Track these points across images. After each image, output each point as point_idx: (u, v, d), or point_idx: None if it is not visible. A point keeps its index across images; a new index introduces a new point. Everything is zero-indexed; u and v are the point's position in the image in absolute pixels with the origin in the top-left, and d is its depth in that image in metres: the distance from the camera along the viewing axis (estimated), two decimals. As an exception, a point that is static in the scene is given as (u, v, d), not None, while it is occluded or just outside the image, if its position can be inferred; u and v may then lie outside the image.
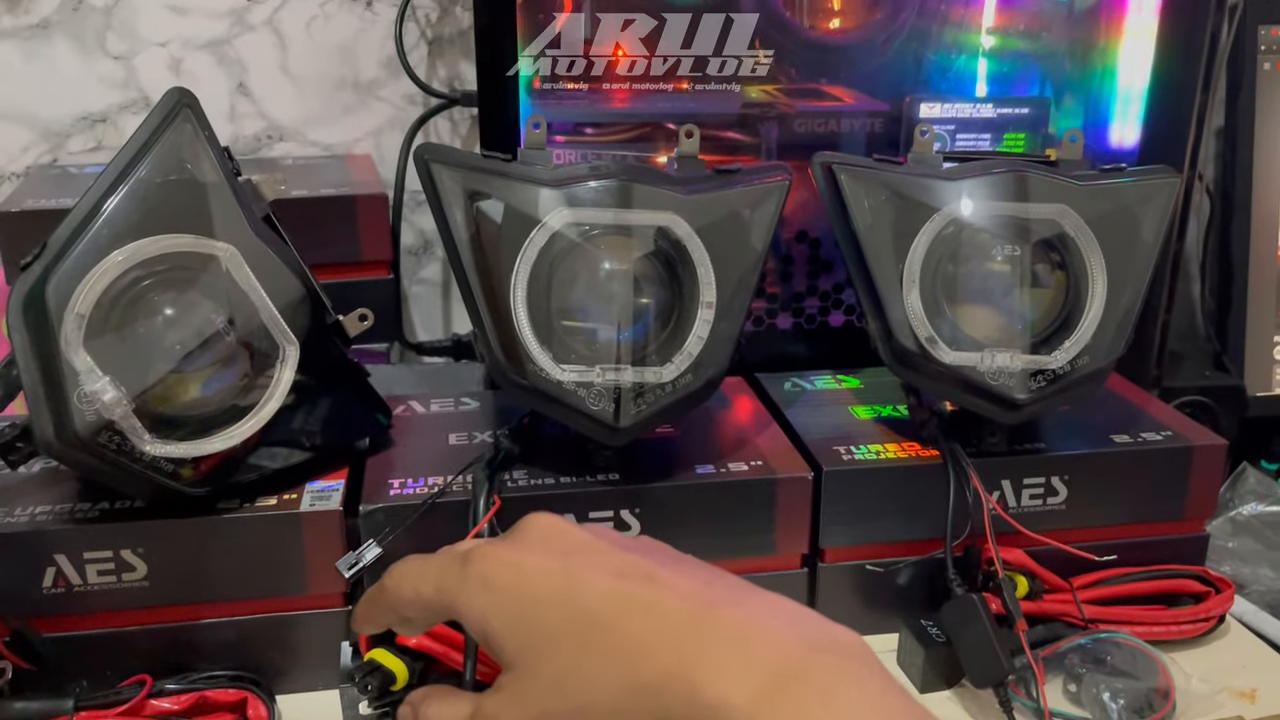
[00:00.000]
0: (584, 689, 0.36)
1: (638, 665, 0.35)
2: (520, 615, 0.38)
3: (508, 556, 0.40)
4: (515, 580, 0.39)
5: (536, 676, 0.38)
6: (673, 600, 0.37)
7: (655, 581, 0.38)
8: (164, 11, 0.92)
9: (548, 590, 0.38)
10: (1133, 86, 0.83)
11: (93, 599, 0.58)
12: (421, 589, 0.42)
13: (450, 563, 0.41)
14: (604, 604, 0.37)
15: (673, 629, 0.36)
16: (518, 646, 0.38)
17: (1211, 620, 0.67)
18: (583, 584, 0.38)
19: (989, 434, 0.67)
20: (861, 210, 0.65)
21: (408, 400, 0.73)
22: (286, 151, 0.98)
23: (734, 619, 0.36)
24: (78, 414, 0.53)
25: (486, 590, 0.39)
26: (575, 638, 0.37)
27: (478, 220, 0.60)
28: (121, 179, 0.56)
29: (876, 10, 0.81)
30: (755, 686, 0.33)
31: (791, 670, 0.34)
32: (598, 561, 0.39)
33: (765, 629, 0.35)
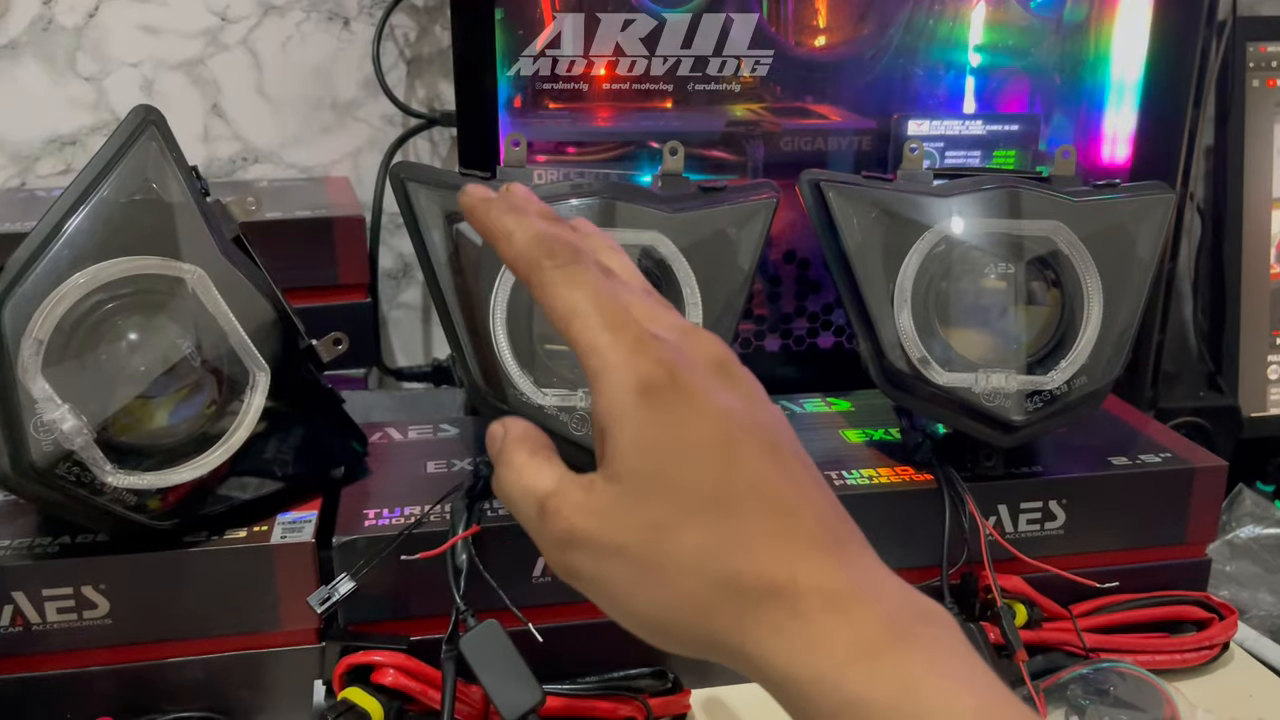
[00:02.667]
0: (677, 554, 0.33)
1: (744, 563, 0.33)
2: (661, 443, 0.34)
3: (682, 375, 0.34)
4: (677, 407, 0.34)
5: (637, 508, 0.33)
6: (808, 516, 0.34)
7: (800, 489, 0.34)
8: (136, 31, 0.90)
9: (701, 439, 0.34)
10: (1123, 103, 0.82)
11: (53, 638, 0.55)
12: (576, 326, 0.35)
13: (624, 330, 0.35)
14: (745, 486, 0.33)
15: (796, 546, 0.33)
16: (637, 467, 0.34)
17: (1215, 648, 0.65)
18: (736, 452, 0.34)
19: (984, 457, 0.65)
20: (851, 228, 0.63)
21: (384, 427, 0.71)
22: (262, 174, 0.96)
23: (856, 562, 0.34)
24: (35, 444, 0.51)
25: (644, 395, 0.34)
26: (700, 500, 0.33)
27: (456, 241, 0.59)
28: (84, 199, 0.54)
29: (863, 27, 0.79)
30: (860, 635, 0.32)
31: (900, 629, 0.32)
32: (760, 435, 0.35)
33: (882, 582, 0.34)
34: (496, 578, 0.56)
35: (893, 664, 0.31)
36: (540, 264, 0.37)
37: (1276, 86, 0.96)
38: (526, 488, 0.36)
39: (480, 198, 0.40)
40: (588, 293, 0.36)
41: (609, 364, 0.34)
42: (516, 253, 0.37)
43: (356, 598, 0.56)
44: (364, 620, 0.58)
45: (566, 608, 0.59)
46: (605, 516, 0.34)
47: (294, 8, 0.93)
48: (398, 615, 0.58)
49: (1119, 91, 0.82)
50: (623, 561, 0.34)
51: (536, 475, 0.36)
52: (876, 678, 0.31)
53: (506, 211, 0.39)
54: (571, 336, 0.36)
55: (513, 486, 0.37)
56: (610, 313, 0.35)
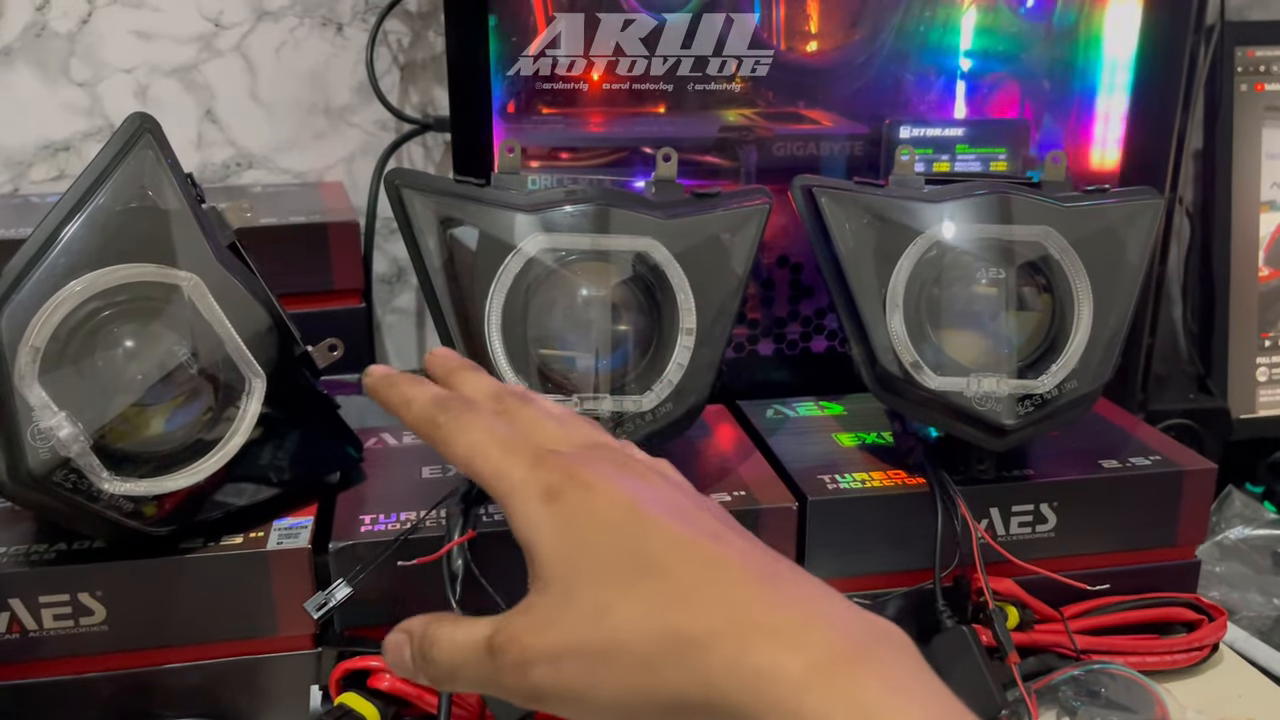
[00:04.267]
0: (621, 628, 0.34)
1: (684, 616, 0.34)
2: (575, 538, 0.36)
3: (581, 473, 0.37)
4: (579, 501, 0.36)
5: (572, 604, 0.35)
6: (736, 562, 0.35)
7: (722, 541, 0.36)
8: (129, 37, 0.90)
9: (611, 521, 0.36)
10: (1112, 108, 0.83)
11: (49, 644, 0.55)
12: (478, 462, 0.38)
13: (520, 453, 0.38)
14: (666, 549, 0.35)
15: (731, 589, 0.34)
16: (561, 568, 0.36)
17: (1205, 649, 0.66)
18: (648, 523, 0.36)
19: (976, 461, 0.65)
20: (843, 233, 0.64)
21: (380, 432, 0.71)
22: (256, 179, 0.96)
23: (796, 593, 0.35)
24: (32, 452, 0.51)
25: (548, 502, 0.36)
26: (626, 574, 0.35)
27: (451, 247, 0.59)
28: (80, 206, 0.54)
29: (855, 33, 0.80)
30: (812, 659, 0.32)
31: (851, 651, 0.33)
32: (669, 506, 0.37)
33: (826, 608, 0.34)
34: (492, 583, 0.56)
35: (847, 685, 0.32)
36: (436, 420, 0.40)
37: (1265, 91, 0.97)
38: (466, 644, 0.37)
39: (380, 375, 0.43)
40: (482, 431, 0.39)
41: (513, 484, 0.37)
42: (416, 416, 0.41)
43: (353, 603, 0.56)
44: (360, 625, 0.58)
45: (562, 612, 0.60)
46: (549, 625, 0.35)
47: (287, 13, 0.93)
48: (394, 620, 0.57)
49: (1108, 96, 0.83)
50: (576, 659, 0.35)
51: (469, 630, 0.37)
52: (832, 698, 0.31)
53: (405, 383, 0.42)
54: (476, 474, 0.38)
55: (454, 656, 0.38)
56: (505, 441, 0.38)
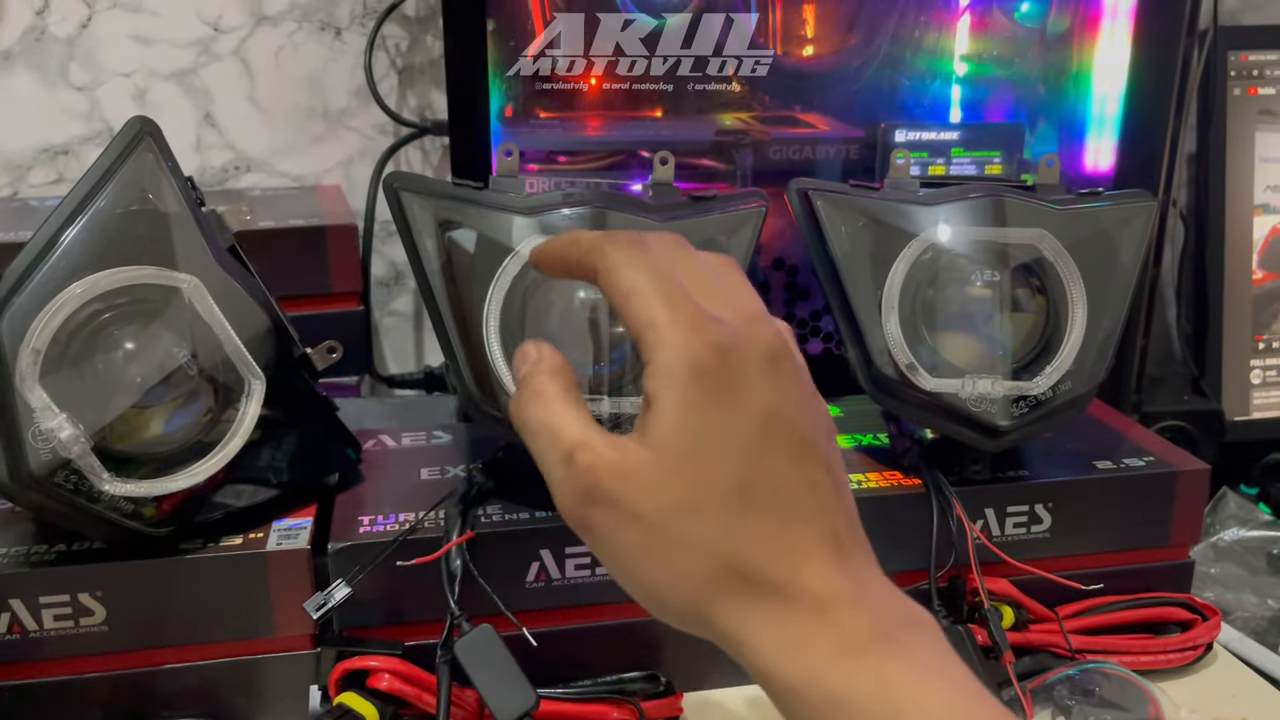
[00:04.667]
0: (689, 535, 0.34)
1: (753, 555, 0.34)
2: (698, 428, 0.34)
3: (731, 363, 0.35)
4: (720, 396, 0.34)
5: (662, 481, 0.34)
6: (821, 522, 0.35)
7: (820, 496, 0.35)
8: (128, 41, 0.91)
9: (736, 434, 0.34)
10: (1106, 112, 0.83)
11: (49, 645, 0.56)
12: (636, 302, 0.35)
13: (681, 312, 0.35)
14: (768, 490, 0.34)
15: (804, 546, 0.34)
16: (671, 442, 0.34)
17: (1199, 649, 0.66)
18: (764, 456, 0.35)
19: (971, 462, 0.66)
20: (839, 236, 0.64)
21: (378, 434, 0.71)
22: (254, 182, 0.96)
23: (850, 569, 0.35)
24: (33, 453, 0.51)
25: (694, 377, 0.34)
26: (721, 490, 0.34)
27: (449, 249, 0.59)
28: (80, 209, 0.54)
29: (850, 37, 0.80)
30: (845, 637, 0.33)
31: (883, 633, 0.34)
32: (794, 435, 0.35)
33: (871, 589, 0.35)
34: (490, 582, 0.56)
35: (874, 663, 0.33)
36: (603, 249, 0.37)
37: (1258, 95, 0.98)
38: (554, 428, 0.36)
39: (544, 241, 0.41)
40: (647, 272, 0.36)
41: (663, 340, 0.34)
42: (583, 249, 0.38)
43: (351, 603, 0.56)
44: (359, 626, 0.59)
45: (560, 612, 0.60)
46: (633, 482, 0.34)
47: (286, 18, 0.93)
48: (392, 620, 0.59)
49: (1102, 100, 0.84)
50: (639, 529, 0.34)
51: (567, 418, 0.36)
52: (858, 676, 0.33)
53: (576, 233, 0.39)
54: (629, 313, 0.35)
55: (538, 420, 0.36)
56: (669, 290, 0.35)
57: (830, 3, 0.80)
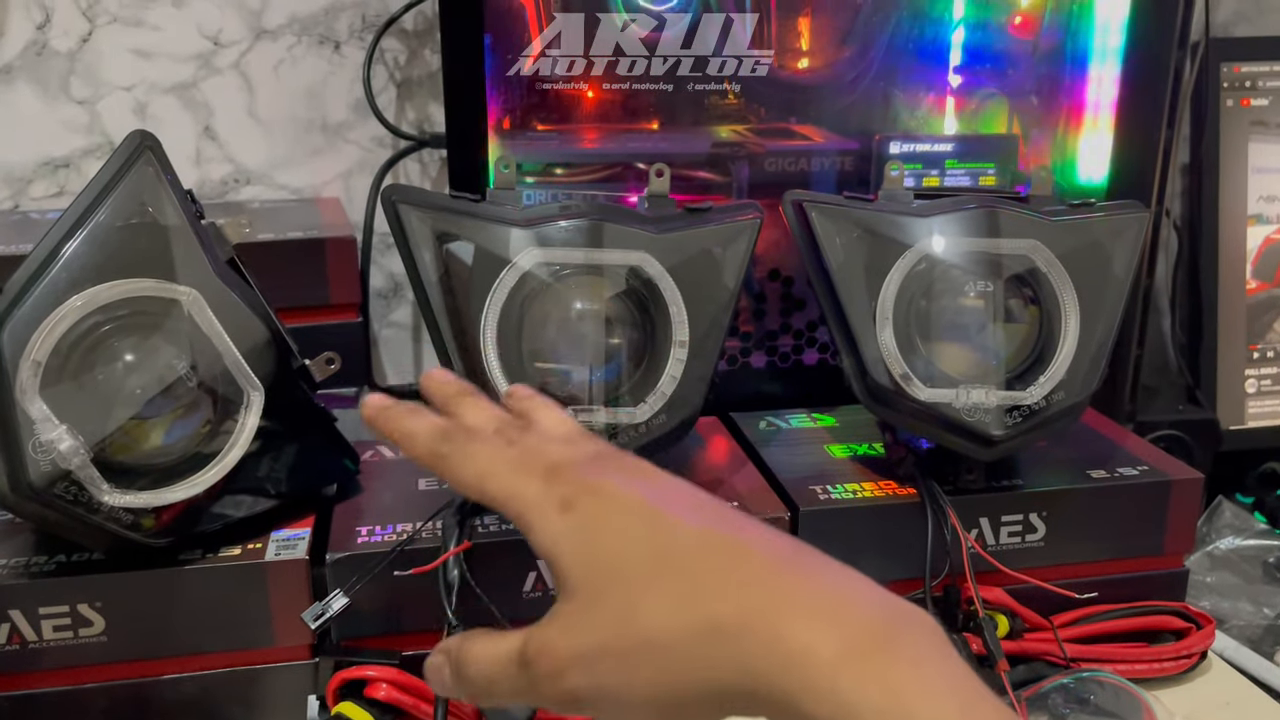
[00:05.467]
0: (651, 624, 0.34)
1: (715, 606, 0.34)
2: (596, 543, 0.36)
3: (593, 481, 0.37)
4: (597, 508, 0.36)
5: (600, 608, 0.35)
6: (759, 550, 0.35)
7: (742, 530, 0.36)
8: (129, 55, 0.91)
9: (628, 522, 0.36)
10: (1099, 123, 0.84)
11: (49, 655, 0.56)
12: (489, 486, 0.38)
13: (532, 472, 0.38)
14: (687, 543, 0.35)
15: (758, 576, 0.34)
16: (584, 575, 0.36)
17: (1194, 657, 0.67)
18: (666, 521, 0.36)
19: (966, 471, 0.66)
20: (833, 247, 0.65)
21: (376, 445, 0.71)
22: (254, 195, 0.97)
23: (823, 577, 0.35)
24: (33, 464, 0.52)
25: (565, 512, 0.36)
26: (651, 571, 0.35)
27: (447, 261, 0.60)
28: (81, 222, 0.55)
29: (844, 50, 0.81)
30: (844, 641, 0.32)
31: (881, 635, 0.33)
32: (685, 503, 0.37)
33: (854, 592, 0.34)
34: (488, 592, 0.57)
35: (879, 668, 0.32)
36: (440, 452, 0.40)
37: (1250, 106, 0.98)
38: (499, 659, 0.37)
39: (379, 408, 0.42)
40: (489, 456, 0.39)
41: (527, 502, 0.37)
42: (420, 450, 0.41)
43: (349, 613, 0.56)
44: (357, 636, 0.59)
45: (557, 622, 0.60)
46: (578, 630, 0.35)
47: (285, 32, 0.94)
48: (390, 630, 0.59)
49: (1095, 111, 0.84)
50: (609, 659, 0.35)
51: (500, 644, 0.37)
52: (865, 680, 0.32)
53: (405, 414, 0.42)
54: (489, 497, 0.38)
55: (488, 671, 0.38)
56: (514, 461, 0.38)
57: (825, 15, 0.80)
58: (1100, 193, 0.84)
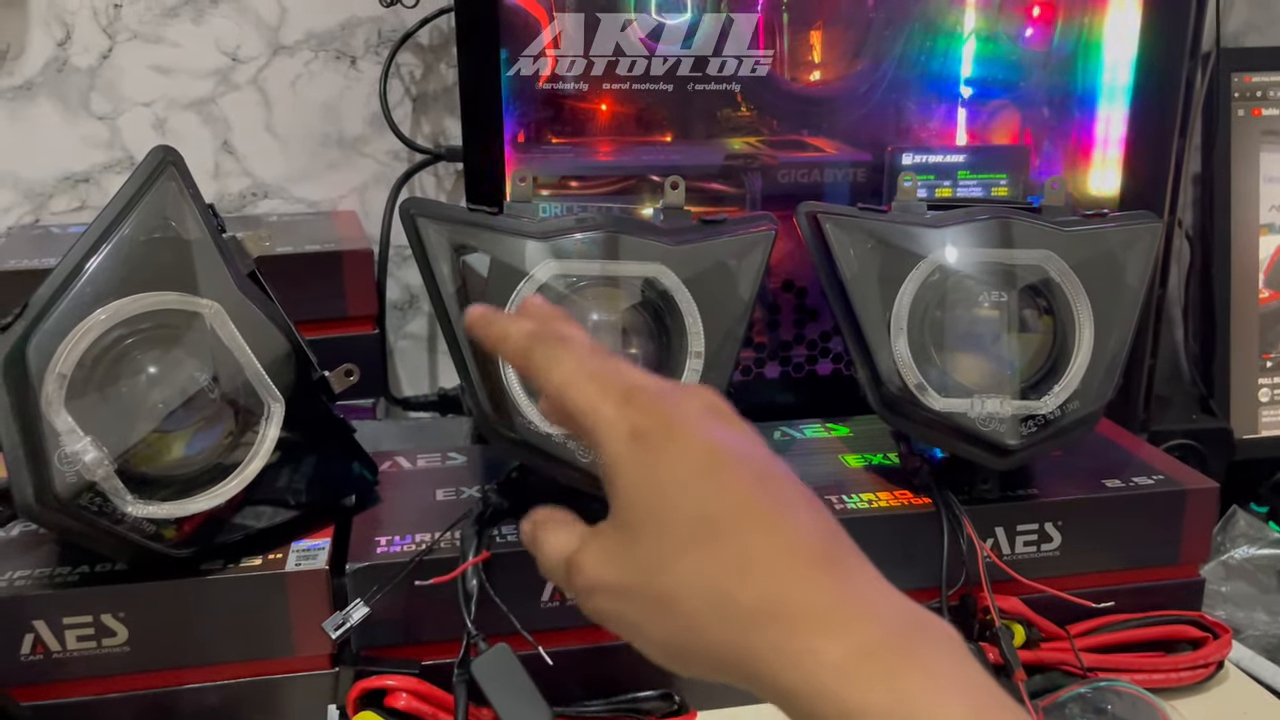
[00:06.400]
0: (674, 583, 0.35)
1: (736, 585, 0.34)
2: (653, 483, 0.36)
3: (668, 413, 0.37)
4: (663, 445, 0.36)
5: (636, 548, 0.36)
6: (797, 535, 0.35)
7: (790, 509, 0.36)
8: (148, 72, 0.92)
9: (685, 471, 0.36)
10: (1110, 133, 0.84)
11: (72, 665, 0.56)
12: (570, 393, 0.38)
13: (611, 388, 0.38)
14: (734, 510, 0.35)
15: (786, 565, 0.34)
16: (633, 512, 0.36)
17: (1211, 666, 0.66)
18: (724, 478, 0.36)
19: (981, 481, 0.66)
20: (847, 258, 0.65)
21: (394, 456, 0.72)
22: (271, 208, 0.98)
23: (849, 577, 0.35)
24: (58, 476, 0.52)
25: (633, 441, 0.36)
26: (691, 530, 0.35)
27: (464, 274, 0.60)
28: (105, 237, 0.55)
29: (857, 63, 0.82)
30: (855, 647, 0.33)
31: (895, 640, 0.33)
32: (748, 460, 0.36)
33: (875, 596, 0.35)
34: (506, 602, 0.57)
35: (888, 673, 0.32)
36: (532, 351, 0.40)
37: (1262, 116, 0.98)
38: (556, 556, 0.39)
39: (479, 314, 0.43)
40: (575, 364, 0.39)
41: (601, 419, 0.37)
42: (512, 348, 0.41)
43: (369, 623, 0.57)
44: (377, 645, 0.59)
45: (575, 631, 0.61)
46: (613, 560, 0.37)
47: (303, 47, 0.95)
48: (410, 640, 0.60)
49: (1107, 122, 0.84)
50: (633, 598, 0.36)
51: (562, 542, 0.39)
52: (873, 687, 0.32)
53: (505, 319, 0.42)
54: (567, 405, 0.38)
55: (547, 561, 0.39)
56: (598, 375, 0.38)
57: (838, 28, 0.81)
58: (1113, 203, 0.84)
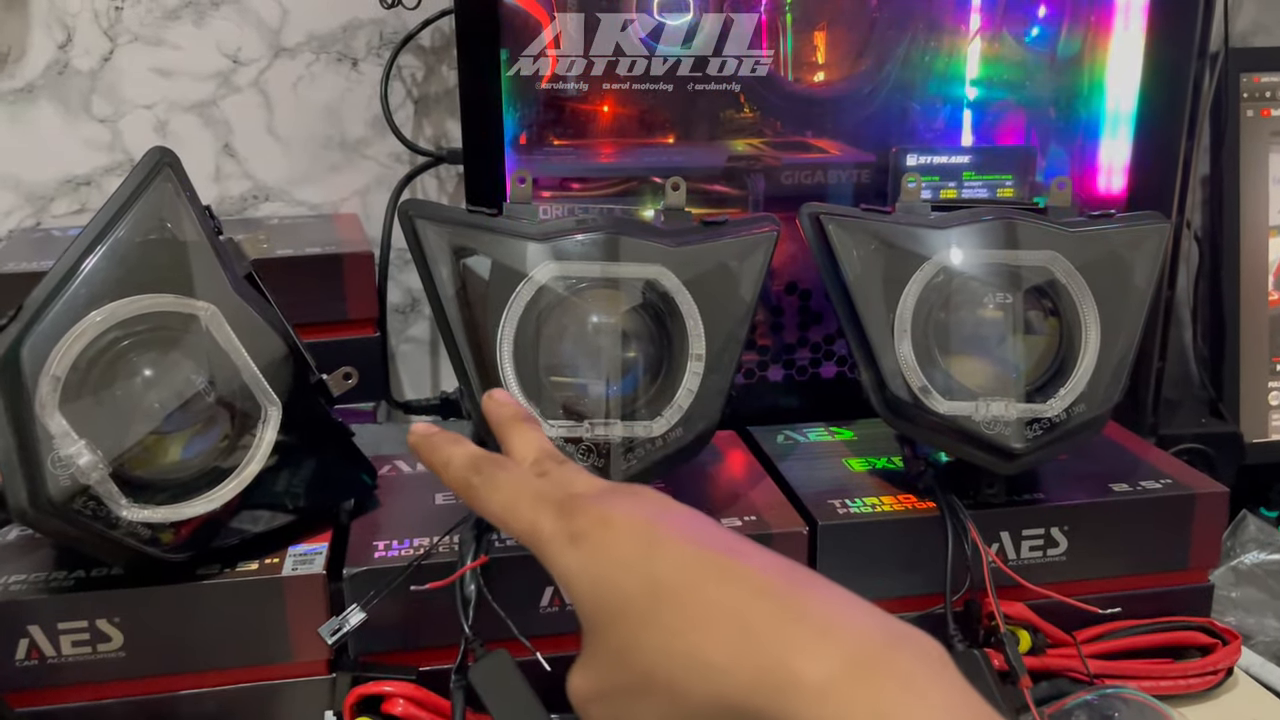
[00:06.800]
0: (645, 662, 0.35)
1: (702, 639, 0.34)
2: (598, 578, 0.37)
3: (598, 511, 0.38)
4: (600, 539, 0.37)
5: (603, 646, 0.36)
6: (752, 573, 0.35)
7: (737, 554, 0.36)
8: (149, 74, 0.92)
9: (626, 553, 0.36)
10: (1118, 134, 0.83)
11: (67, 671, 0.56)
12: (510, 519, 0.40)
13: (548, 504, 0.39)
14: (680, 571, 0.35)
15: (748, 600, 0.34)
16: (592, 612, 0.37)
17: (1220, 673, 0.66)
18: (662, 548, 0.36)
19: (986, 485, 0.65)
20: (851, 260, 0.64)
21: (394, 460, 0.72)
22: (272, 211, 0.98)
23: (816, 601, 0.34)
24: (52, 479, 0.52)
25: (574, 546, 0.37)
26: (645, 605, 0.35)
27: (463, 276, 0.60)
28: (100, 239, 0.55)
29: (861, 63, 0.81)
30: (833, 668, 0.32)
31: (873, 659, 0.32)
32: (684, 528, 0.37)
33: (848, 615, 0.34)
34: (505, 607, 0.56)
35: (867, 692, 0.31)
36: (470, 482, 0.41)
37: (1270, 116, 0.97)
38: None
39: (422, 435, 0.44)
40: (513, 489, 0.40)
41: (543, 535, 0.38)
42: (453, 476, 0.42)
43: (367, 628, 0.56)
44: (374, 651, 0.59)
45: (574, 637, 0.60)
46: (591, 668, 0.37)
47: (304, 49, 0.94)
48: (408, 646, 0.59)
49: (1114, 123, 0.84)
50: (617, 694, 0.36)
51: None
52: (852, 707, 0.31)
53: (446, 443, 0.44)
54: (512, 532, 0.40)
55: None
56: (535, 494, 0.40)
57: (841, 29, 0.80)
58: (1119, 204, 0.83)
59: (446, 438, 0.44)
